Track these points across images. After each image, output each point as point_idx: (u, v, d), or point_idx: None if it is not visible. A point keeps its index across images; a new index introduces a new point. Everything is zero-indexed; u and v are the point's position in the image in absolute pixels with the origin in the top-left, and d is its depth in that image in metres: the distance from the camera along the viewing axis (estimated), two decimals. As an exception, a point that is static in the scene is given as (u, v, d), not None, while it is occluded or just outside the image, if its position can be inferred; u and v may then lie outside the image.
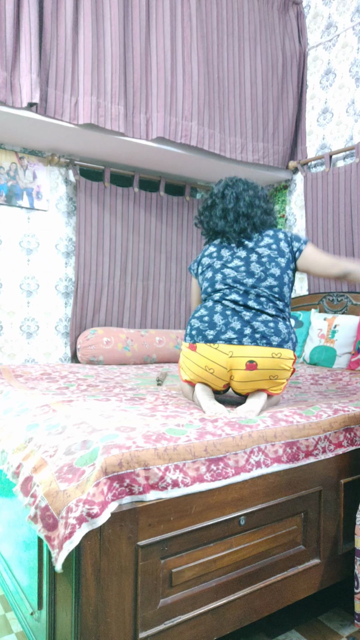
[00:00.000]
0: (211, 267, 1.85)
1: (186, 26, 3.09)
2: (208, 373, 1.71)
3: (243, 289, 1.74)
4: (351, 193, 3.18)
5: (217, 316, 1.72)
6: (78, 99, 2.74)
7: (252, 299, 1.73)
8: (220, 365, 1.68)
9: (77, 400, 1.81)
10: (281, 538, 1.48)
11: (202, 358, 1.71)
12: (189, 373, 1.79)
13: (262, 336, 1.67)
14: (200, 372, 1.73)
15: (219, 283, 1.78)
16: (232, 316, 1.71)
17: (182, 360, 1.81)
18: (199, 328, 1.74)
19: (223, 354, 1.67)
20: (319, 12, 3.56)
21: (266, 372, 1.67)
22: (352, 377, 2.49)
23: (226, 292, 1.76)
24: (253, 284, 1.74)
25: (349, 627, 1.65)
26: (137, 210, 3.52)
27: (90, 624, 1.10)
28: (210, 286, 1.81)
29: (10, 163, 3.11)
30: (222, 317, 1.71)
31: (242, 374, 1.67)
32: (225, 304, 1.74)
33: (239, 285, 1.75)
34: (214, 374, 1.70)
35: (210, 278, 1.82)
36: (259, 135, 3.48)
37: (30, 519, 1.15)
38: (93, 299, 3.35)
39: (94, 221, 3.34)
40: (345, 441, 1.65)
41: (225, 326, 1.69)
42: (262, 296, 1.73)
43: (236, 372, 1.68)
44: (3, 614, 1.65)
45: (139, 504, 1.17)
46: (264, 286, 1.74)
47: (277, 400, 1.84)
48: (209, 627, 1.32)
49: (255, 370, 1.66)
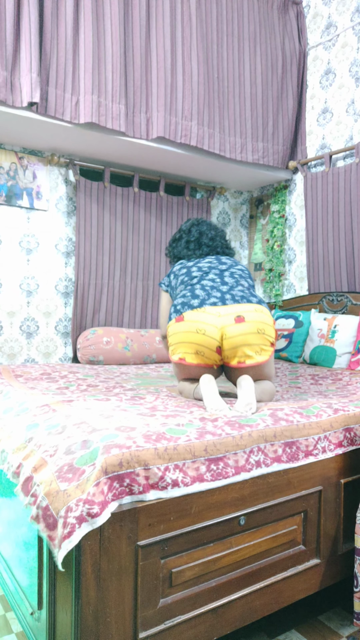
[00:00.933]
0: (188, 277, 2.05)
1: (186, 26, 3.09)
2: (201, 335, 1.78)
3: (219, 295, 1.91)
4: (351, 193, 3.18)
5: (199, 290, 1.91)
6: (79, 98, 2.74)
7: (227, 276, 1.98)
8: (210, 324, 1.78)
9: (77, 400, 1.81)
10: (281, 538, 1.48)
11: (192, 323, 1.80)
12: (180, 348, 1.83)
13: (242, 297, 1.88)
14: (192, 338, 1.79)
15: (199, 290, 1.94)
16: (212, 289, 1.91)
17: (170, 341, 1.88)
18: (183, 302, 1.90)
19: (211, 314, 1.80)
20: (318, 12, 3.56)
21: (254, 324, 1.78)
22: (352, 377, 2.49)
23: (203, 277, 1.97)
24: (226, 291, 1.92)
25: (349, 627, 1.65)
26: (137, 210, 3.52)
27: (90, 624, 1.10)
28: (191, 291, 1.95)
29: (10, 163, 3.11)
30: (203, 291, 1.90)
31: (232, 329, 1.77)
32: (204, 283, 1.94)
33: (215, 291, 1.91)
34: (206, 334, 1.77)
35: (191, 289, 1.97)
36: (259, 135, 3.48)
37: (32, 519, 1.15)
38: (93, 299, 3.35)
39: (93, 221, 3.34)
40: (345, 441, 1.65)
41: (208, 295, 1.88)
42: (235, 276, 1.98)
43: (227, 329, 1.78)
44: (3, 614, 1.65)
45: (139, 504, 1.17)
46: (238, 287, 1.95)
47: (272, 390, 1.86)
48: (209, 627, 1.32)
49: (243, 322, 1.78)
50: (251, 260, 4.21)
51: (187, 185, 3.71)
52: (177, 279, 2.09)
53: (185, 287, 1.99)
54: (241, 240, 4.27)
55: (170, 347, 1.91)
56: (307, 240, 3.51)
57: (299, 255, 3.76)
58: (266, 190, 4.08)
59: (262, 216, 4.12)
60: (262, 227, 4.12)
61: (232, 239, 4.22)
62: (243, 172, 3.60)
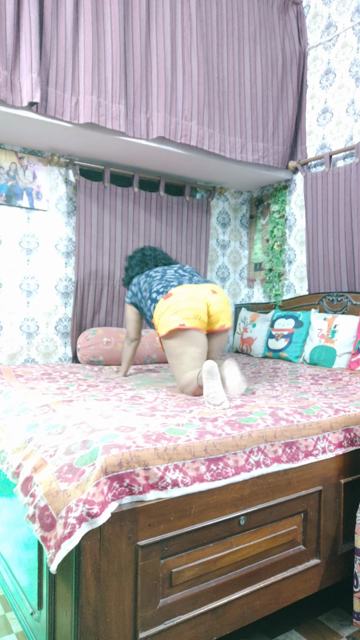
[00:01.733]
0: (150, 278, 2.37)
1: (186, 26, 3.09)
2: (193, 300, 2.10)
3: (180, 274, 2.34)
4: (351, 193, 3.18)
5: (169, 277, 2.28)
6: (78, 98, 2.74)
7: (182, 270, 2.38)
8: (197, 293, 2.13)
9: (77, 400, 1.81)
10: (281, 538, 1.48)
11: (182, 294, 2.12)
12: (177, 315, 2.06)
13: (205, 280, 2.32)
14: (185, 304, 2.07)
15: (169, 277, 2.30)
16: (179, 277, 2.29)
17: (163, 317, 2.10)
18: (162, 286, 2.22)
19: (193, 288, 2.17)
20: (318, 12, 3.56)
21: (223, 296, 2.22)
22: (352, 377, 2.49)
23: (165, 274, 2.33)
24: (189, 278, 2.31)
25: (349, 627, 1.65)
26: (137, 210, 3.52)
27: (90, 624, 1.10)
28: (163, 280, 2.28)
29: (10, 163, 3.11)
30: (173, 277, 2.28)
31: (212, 298, 2.17)
32: (168, 277, 2.29)
33: (181, 277, 2.29)
34: (197, 299, 2.11)
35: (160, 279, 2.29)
36: (259, 135, 3.48)
37: (28, 518, 1.15)
38: (93, 299, 3.35)
39: (93, 221, 3.34)
40: (345, 441, 1.65)
41: (179, 280, 2.25)
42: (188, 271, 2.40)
43: (208, 298, 2.16)
44: (3, 614, 1.65)
45: (139, 504, 1.17)
46: (195, 277, 2.35)
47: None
48: (209, 627, 1.32)
49: (217, 294, 2.20)
50: (251, 260, 4.21)
51: (187, 185, 3.71)
52: (139, 285, 2.42)
53: (153, 281, 2.31)
54: (241, 240, 4.27)
55: (162, 324, 2.10)
56: (307, 240, 3.50)
57: (299, 255, 3.76)
58: (266, 190, 4.08)
59: (262, 216, 4.12)
60: (262, 227, 4.11)
61: (232, 239, 4.22)
62: (243, 172, 3.60)
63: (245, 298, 4.29)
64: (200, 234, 3.84)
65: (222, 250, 4.17)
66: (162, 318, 2.09)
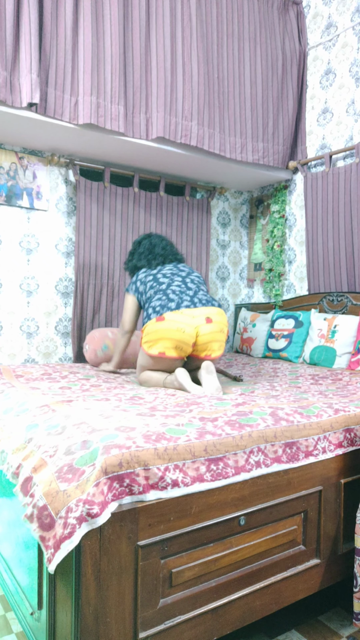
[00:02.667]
0: (153, 277, 2.43)
1: (186, 26, 3.09)
2: (181, 333, 2.15)
3: (185, 287, 2.34)
4: (351, 193, 3.18)
5: (171, 294, 2.27)
6: (78, 98, 2.74)
7: (189, 282, 2.38)
8: (188, 324, 2.17)
9: (77, 400, 1.81)
10: (281, 538, 1.48)
11: (172, 322, 2.16)
12: (161, 343, 2.17)
13: (207, 301, 2.30)
14: (174, 334, 2.15)
15: (172, 294, 2.30)
16: (181, 293, 2.28)
17: (149, 337, 2.20)
18: (160, 304, 2.23)
19: (187, 316, 2.19)
20: (319, 12, 3.56)
21: (218, 325, 2.23)
22: (352, 377, 2.49)
23: (170, 284, 2.34)
24: (192, 295, 2.32)
25: (349, 627, 1.65)
26: (137, 210, 3.52)
27: (90, 624, 1.10)
28: (165, 295, 2.30)
29: (10, 163, 3.11)
30: (175, 295, 2.27)
31: (204, 328, 2.19)
32: (173, 289, 2.31)
33: (184, 295, 2.30)
34: (186, 332, 2.16)
35: (163, 293, 2.31)
36: (259, 135, 3.48)
37: (26, 518, 1.15)
38: (93, 299, 3.35)
39: (93, 221, 3.34)
40: (346, 441, 1.65)
41: (181, 299, 2.25)
42: (195, 282, 2.40)
43: (200, 328, 2.18)
44: (3, 614, 1.65)
45: (139, 504, 1.17)
46: (200, 292, 2.35)
47: None
48: (209, 627, 1.32)
49: (212, 322, 2.21)
50: (251, 260, 4.21)
51: (187, 185, 3.71)
52: (145, 285, 2.43)
53: (157, 292, 2.33)
54: (241, 240, 4.27)
55: (147, 343, 2.22)
56: (307, 240, 3.50)
57: (299, 255, 3.76)
58: (266, 190, 4.08)
59: (262, 216, 4.12)
60: (262, 227, 4.11)
61: (232, 239, 4.22)
62: (243, 172, 3.60)
63: (245, 298, 4.29)
64: (201, 234, 3.84)
65: (222, 250, 4.17)
66: (147, 337, 2.22)
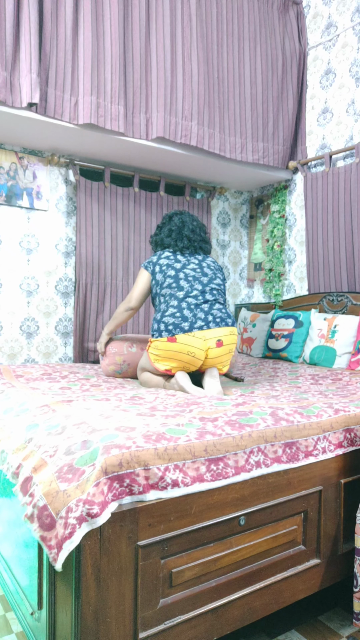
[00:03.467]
0: (172, 267, 2.33)
1: (186, 26, 3.09)
2: (190, 357, 2.16)
3: (200, 287, 2.27)
4: (351, 193, 3.18)
5: (186, 311, 2.20)
6: (78, 99, 2.74)
7: (207, 292, 2.28)
8: (198, 348, 2.16)
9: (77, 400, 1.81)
10: (281, 538, 1.48)
11: (184, 346, 2.15)
12: (169, 362, 2.19)
13: (221, 319, 2.23)
14: (183, 357, 2.16)
15: (183, 280, 2.28)
16: (196, 308, 2.21)
17: (158, 352, 2.19)
18: (174, 323, 2.17)
19: (198, 339, 2.16)
20: (319, 12, 3.56)
21: (228, 347, 2.23)
22: (352, 377, 2.49)
23: (188, 290, 2.25)
24: (207, 282, 2.30)
25: (349, 627, 1.65)
26: (137, 210, 3.52)
27: (90, 624, 1.10)
28: (175, 282, 2.28)
29: (10, 163, 3.11)
30: (189, 311, 2.20)
31: (214, 351, 2.19)
32: (189, 301, 2.23)
33: (197, 283, 2.27)
34: (195, 356, 2.16)
35: (174, 276, 2.29)
36: (259, 135, 3.48)
37: (26, 518, 1.15)
38: (96, 300, 3.34)
39: (94, 221, 3.34)
40: (346, 441, 1.65)
41: (194, 317, 2.19)
42: (214, 290, 2.31)
43: (210, 350, 2.18)
44: (3, 614, 1.65)
45: (139, 504, 1.17)
46: (215, 284, 2.32)
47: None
48: (209, 627, 1.32)
49: (222, 346, 2.20)
50: (251, 260, 4.21)
51: (187, 185, 3.71)
52: (164, 278, 2.32)
53: (172, 298, 2.25)
54: (241, 240, 4.27)
55: (155, 357, 2.21)
56: (307, 240, 3.50)
57: (299, 255, 3.76)
58: (266, 190, 4.08)
59: (262, 216, 4.12)
60: (262, 227, 4.11)
61: (232, 239, 4.22)
62: (243, 172, 3.60)
63: (245, 298, 4.29)
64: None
65: (222, 250, 4.17)
66: (156, 352, 2.20)
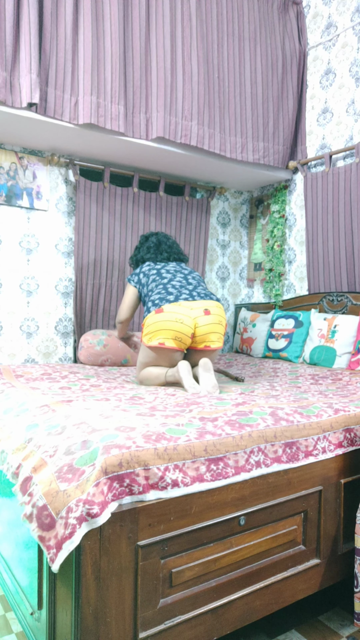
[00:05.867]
0: (154, 269, 2.54)
1: (186, 26, 3.09)
2: (179, 323, 2.21)
3: (182, 276, 2.47)
4: (351, 193, 3.18)
5: (170, 288, 2.35)
6: (78, 98, 2.74)
7: (190, 279, 2.47)
8: (186, 315, 2.23)
9: (77, 400, 1.81)
10: (281, 538, 1.48)
11: (171, 314, 2.22)
12: (160, 334, 2.22)
13: (205, 294, 2.37)
14: (172, 325, 2.20)
15: (165, 273, 2.46)
16: (181, 287, 2.37)
17: (149, 329, 2.25)
18: (159, 297, 2.30)
19: (186, 307, 2.25)
20: (319, 12, 3.56)
21: (217, 317, 2.28)
22: (352, 377, 2.49)
23: (171, 278, 2.44)
24: (187, 273, 2.50)
25: (349, 627, 1.65)
26: (137, 211, 3.52)
27: (90, 624, 1.10)
28: (158, 275, 2.47)
29: (10, 163, 3.11)
30: (174, 289, 2.35)
31: (203, 319, 2.25)
32: (173, 283, 2.40)
33: (179, 274, 2.47)
34: (184, 322, 2.21)
35: (157, 272, 2.49)
36: (259, 135, 3.47)
37: (25, 517, 1.15)
38: (91, 299, 3.35)
39: (93, 221, 3.34)
40: (346, 441, 1.65)
41: (179, 292, 2.33)
42: (195, 278, 2.48)
43: (198, 319, 2.24)
44: (3, 614, 1.65)
45: (139, 504, 1.17)
46: (195, 274, 2.52)
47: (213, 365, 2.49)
48: (209, 627, 1.32)
49: (210, 315, 2.26)
50: (251, 260, 4.21)
51: (187, 185, 3.70)
52: (148, 278, 2.51)
53: (158, 286, 2.40)
54: (241, 240, 4.27)
55: (147, 335, 2.27)
56: (307, 240, 3.50)
57: (299, 255, 3.76)
58: (266, 190, 4.08)
59: (262, 216, 4.12)
60: (262, 227, 4.11)
61: (232, 239, 4.22)
62: (243, 172, 3.60)
63: (245, 298, 4.29)
64: (200, 234, 3.84)
65: (222, 250, 4.17)
66: (147, 329, 2.27)
